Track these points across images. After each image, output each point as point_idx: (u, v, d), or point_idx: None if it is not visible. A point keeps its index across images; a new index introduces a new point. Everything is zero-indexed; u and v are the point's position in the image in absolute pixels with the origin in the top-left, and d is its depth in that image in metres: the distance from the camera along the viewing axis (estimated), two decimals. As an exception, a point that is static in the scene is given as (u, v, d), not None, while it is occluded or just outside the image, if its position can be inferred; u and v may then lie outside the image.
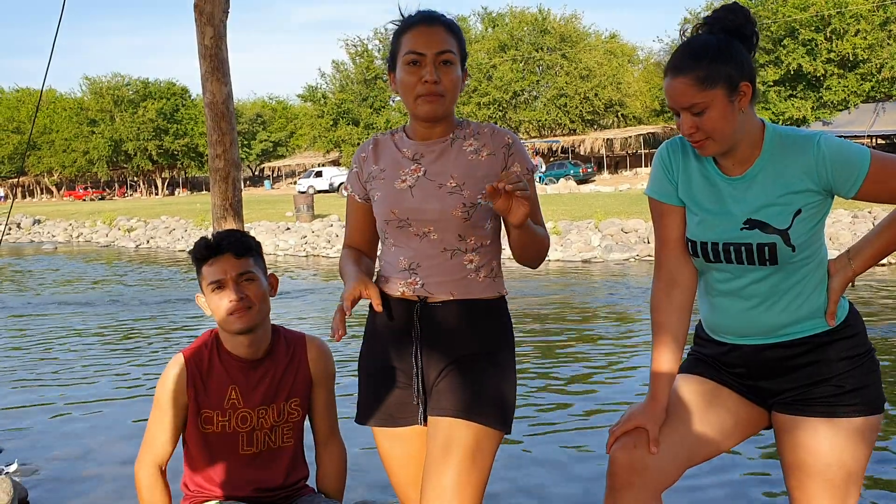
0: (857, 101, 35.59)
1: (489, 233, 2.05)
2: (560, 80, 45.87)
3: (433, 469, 1.91)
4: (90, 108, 60.43)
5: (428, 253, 2.01)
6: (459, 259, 2.02)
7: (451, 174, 2.00)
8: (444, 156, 2.02)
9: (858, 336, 1.95)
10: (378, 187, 2.07)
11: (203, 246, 2.18)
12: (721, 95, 1.81)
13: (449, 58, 1.95)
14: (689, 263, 2.03)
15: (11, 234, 31.31)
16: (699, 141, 1.86)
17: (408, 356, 2.04)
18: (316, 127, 52.29)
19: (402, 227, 2.03)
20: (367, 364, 2.14)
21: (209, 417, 2.20)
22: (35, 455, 4.66)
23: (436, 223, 1.99)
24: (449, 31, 1.98)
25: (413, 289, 2.02)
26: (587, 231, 17.98)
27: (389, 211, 2.03)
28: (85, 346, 8.50)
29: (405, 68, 1.96)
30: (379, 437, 2.12)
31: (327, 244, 20.36)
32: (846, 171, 1.83)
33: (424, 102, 1.95)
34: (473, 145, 2.03)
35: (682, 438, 1.98)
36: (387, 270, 2.09)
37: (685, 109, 1.84)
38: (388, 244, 2.09)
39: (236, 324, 2.14)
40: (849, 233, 14.52)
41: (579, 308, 10.19)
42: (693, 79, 1.80)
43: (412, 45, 1.95)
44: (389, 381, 2.07)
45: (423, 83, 1.93)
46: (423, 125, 2.03)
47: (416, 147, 2.05)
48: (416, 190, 2.01)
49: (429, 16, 1.99)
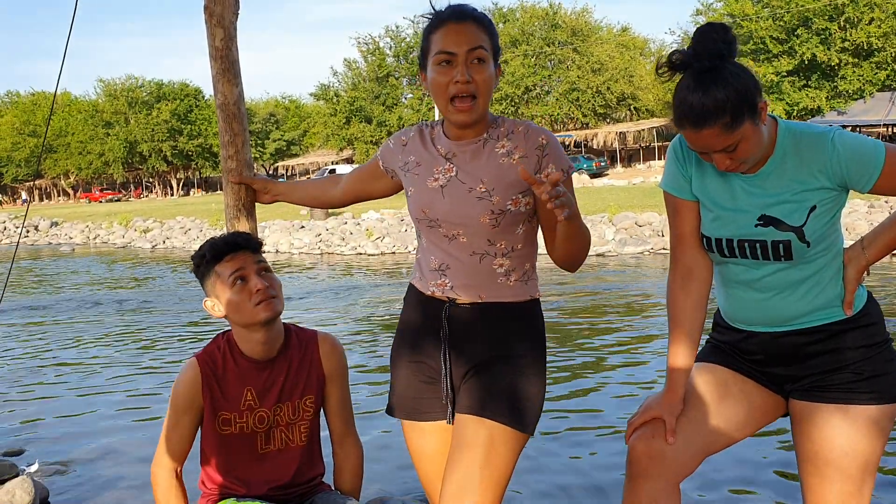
0: (873, 91, 35.27)
1: (521, 237, 2.02)
2: (572, 75, 45.71)
3: (453, 467, 1.91)
4: (105, 111, 60.87)
5: (457, 256, 2.01)
6: (489, 263, 1.99)
7: (482, 178, 1.96)
8: (476, 157, 1.98)
9: (876, 325, 1.95)
10: (411, 182, 2.07)
11: (221, 243, 2.18)
12: (748, 126, 1.77)
13: (481, 55, 1.89)
14: (704, 256, 2.03)
15: (29, 237, 31.58)
16: (735, 168, 1.84)
17: (436, 355, 2.05)
18: (329, 125, 52.38)
19: (433, 228, 2.02)
20: (397, 358, 2.16)
21: (227, 420, 2.21)
22: (56, 455, 4.70)
23: (465, 227, 1.98)
24: (480, 26, 1.92)
25: (443, 290, 2.03)
26: (601, 225, 17.93)
27: (420, 210, 2.03)
28: (104, 346, 8.56)
29: (436, 69, 1.91)
30: (407, 430, 2.15)
31: (342, 242, 20.39)
32: (861, 167, 1.82)
33: (457, 111, 1.91)
34: (506, 147, 1.98)
35: (699, 428, 1.99)
36: (422, 267, 2.11)
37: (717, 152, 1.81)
38: (422, 242, 2.11)
39: (263, 312, 2.13)
40: (865, 222, 14.42)
41: (595, 299, 10.16)
42: (720, 127, 1.75)
43: (443, 44, 1.89)
44: (418, 376, 2.09)
45: (455, 83, 1.88)
46: (458, 126, 1.99)
47: (450, 146, 2.02)
48: (447, 191, 1.99)
49: (459, 11, 1.93)
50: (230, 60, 2.55)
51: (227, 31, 2.54)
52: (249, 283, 2.14)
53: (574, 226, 1.85)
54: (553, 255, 1.99)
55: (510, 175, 1.95)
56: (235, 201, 2.57)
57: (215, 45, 2.54)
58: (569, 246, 1.92)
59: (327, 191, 2.45)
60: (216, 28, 2.53)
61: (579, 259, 1.97)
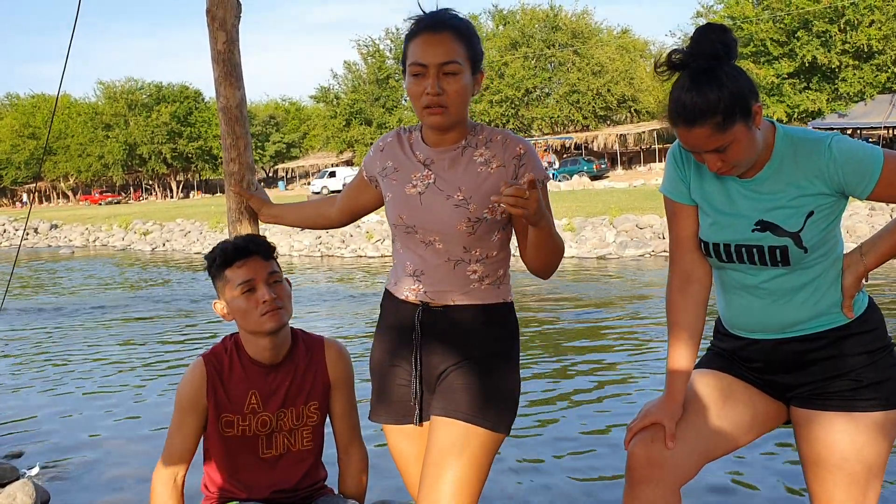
0: (873, 93, 35.24)
1: (496, 244, 2.04)
2: (572, 77, 45.73)
3: (429, 470, 1.92)
4: (105, 113, 60.83)
5: (432, 261, 2.03)
6: (463, 269, 2.02)
7: (459, 186, 1.98)
8: (454, 165, 2.00)
9: (877, 331, 1.94)
10: (389, 187, 2.09)
11: (232, 249, 2.18)
12: (741, 128, 1.77)
13: (453, 69, 1.89)
14: (703, 260, 2.03)
15: (29, 239, 31.58)
16: (726, 171, 1.84)
17: (410, 357, 2.07)
18: (329, 127, 52.42)
19: (409, 234, 2.04)
20: (374, 363, 2.19)
21: (230, 421, 2.21)
22: (56, 458, 4.70)
23: (441, 234, 1.99)
24: (456, 35, 1.91)
25: (416, 294, 2.05)
26: (602, 227, 17.93)
27: (397, 216, 2.04)
28: (105, 349, 8.56)
29: (411, 78, 1.93)
30: (388, 434, 2.17)
31: (341, 244, 20.41)
32: (858, 173, 1.81)
33: (429, 114, 1.93)
34: (484, 155, 1.99)
35: (699, 433, 1.98)
36: (396, 272, 2.13)
37: (708, 152, 1.82)
38: (397, 247, 2.13)
39: (269, 323, 2.13)
40: (866, 226, 14.42)
41: (596, 302, 10.16)
42: (712, 126, 1.75)
43: (416, 55, 1.91)
44: (394, 379, 2.11)
45: (426, 95, 1.90)
46: (434, 131, 2.01)
47: (429, 152, 2.04)
48: (425, 198, 2.01)
49: (436, 21, 1.92)
50: (232, 63, 2.55)
51: (229, 35, 2.54)
52: (257, 293, 2.14)
53: (545, 233, 1.87)
54: (526, 260, 2.01)
55: (487, 183, 1.97)
56: (238, 204, 2.57)
57: (217, 49, 2.54)
58: (540, 253, 1.94)
59: (324, 212, 2.42)
60: (218, 31, 2.53)
61: (551, 266, 2.00)
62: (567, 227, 17.83)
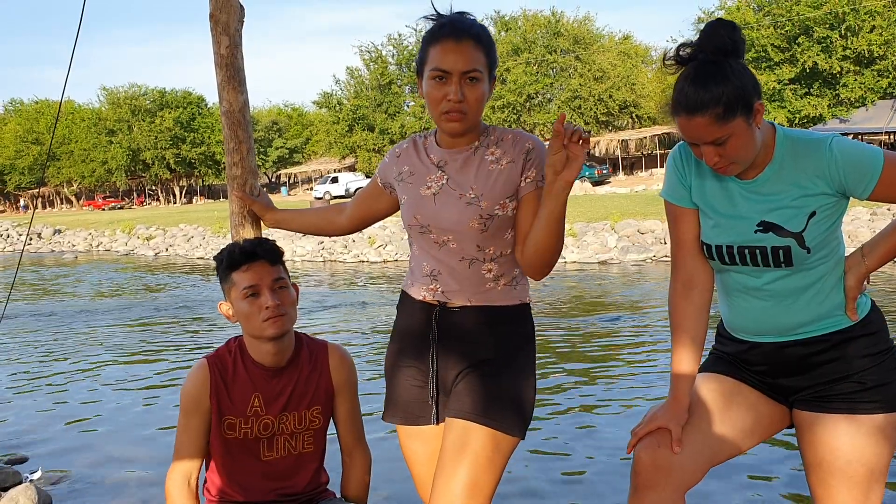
0: (874, 98, 35.24)
1: (509, 242, 2.04)
2: (574, 82, 45.75)
3: (444, 470, 1.93)
4: (108, 118, 60.94)
5: (447, 261, 2.05)
6: (478, 268, 2.03)
7: (472, 185, 2.00)
8: (467, 165, 2.03)
9: (880, 333, 1.94)
10: (405, 191, 2.12)
11: (238, 252, 2.18)
12: (741, 123, 1.78)
13: (475, 76, 1.92)
14: (705, 264, 2.03)
15: (32, 244, 31.62)
16: (723, 167, 1.85)
17: (427, 358, 2.08)
18: (331, 133, 52.44)
19: (424, 234, 2.06)
20: (389, 363, 2.20)
21: (232, 424, 2.21)
22: (59, 463, 4.71)
23: (454, 233, 2.01)
24: (478, 44, 1.93)
25: (433, 294, 2.07)
26: (603, 232, 17.93)
27: (413, 216, 2.07)
28: (107, 353, 8.56)
29: (430, 83, 1.94)
30: (401, 434, 2.17)
31: (344, 249, 20.42)
32: (859, 173, 1.82)
33: (448, 120, 1.95)
34: (496, 154, 2.02)
35: (704, 438, 1.98)
36: (413, 274, 2.15)
37: (706, 144, 1.82)
38: (414, 250, 2.15)
39: (270, 330, 2.14)
40: (867, 230, 14.40)
41: (598, 307, 10.16)
42: (712, 117, 1.76)
43: (438, 61, 1.92)
44: (410, 380, 2.12)
45: (448, 100, 1.92)
46: (448, 135, 2.04)
47: (442, 154, 2.07)
48: (439, 198, 2.03)
49: (458, 28, 1.93)
50: (235, 68, 2.56)
51: (232, 39, 2.55)
52: (260, 299, 2.14)
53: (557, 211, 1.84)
54: (524, 254, 1.98)
55: (499, 180, 2.00)
56: (241, 208, 2.58)
57: (220, 53, 2.55)
58: (542, 237, 1.90)
59: (332, 220, 2.43)
60: (221, 36, 2.54)
61: (549, 260, 1.95)
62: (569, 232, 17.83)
